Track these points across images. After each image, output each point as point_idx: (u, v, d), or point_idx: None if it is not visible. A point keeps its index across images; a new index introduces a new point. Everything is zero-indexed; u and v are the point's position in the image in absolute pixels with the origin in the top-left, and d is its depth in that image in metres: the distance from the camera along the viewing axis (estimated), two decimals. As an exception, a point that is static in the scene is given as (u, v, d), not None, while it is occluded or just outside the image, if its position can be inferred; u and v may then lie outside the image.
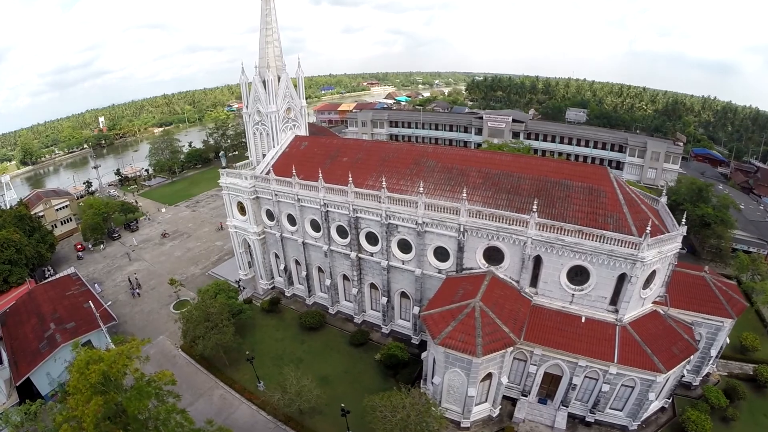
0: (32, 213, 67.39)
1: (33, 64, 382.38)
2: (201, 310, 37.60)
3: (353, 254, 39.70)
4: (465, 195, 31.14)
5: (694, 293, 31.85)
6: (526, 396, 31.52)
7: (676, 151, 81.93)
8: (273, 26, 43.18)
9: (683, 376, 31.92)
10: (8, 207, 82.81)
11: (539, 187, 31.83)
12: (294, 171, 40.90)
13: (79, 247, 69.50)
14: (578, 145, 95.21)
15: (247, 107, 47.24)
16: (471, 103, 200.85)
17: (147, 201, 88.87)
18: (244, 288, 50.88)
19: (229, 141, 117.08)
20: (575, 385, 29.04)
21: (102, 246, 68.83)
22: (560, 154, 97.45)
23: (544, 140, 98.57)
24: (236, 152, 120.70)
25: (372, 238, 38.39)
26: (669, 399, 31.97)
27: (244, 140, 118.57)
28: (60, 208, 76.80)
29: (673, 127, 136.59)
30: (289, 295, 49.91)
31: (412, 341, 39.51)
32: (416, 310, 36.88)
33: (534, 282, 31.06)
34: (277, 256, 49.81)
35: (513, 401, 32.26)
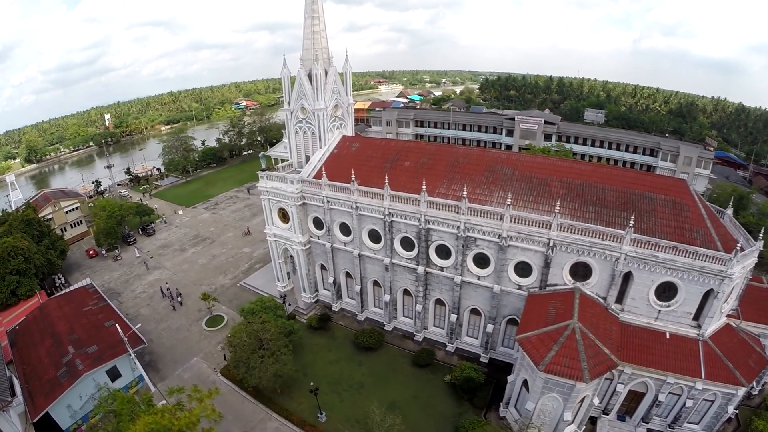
0: (40, 216, 61.81)
1: (37, 61, 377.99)
2: (252, 336, 32.02)
3: (420, 269, 36.13)
4: (558, 208, 28.86)
5: (761, 305, 31.67)
6: (607, 414, 30.69)
7: (708, 156, 79.43)
8: (320, 15, 38.87)
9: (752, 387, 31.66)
10: (13, 208, 77.81)
11: (625, 199, 30.28)
12: (353, 176, 36.54)
13: (91, 253, 63.91)
14: (609, 148, 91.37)
15: (289, 104, 42.35)
16: (483, 102, 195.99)
17: (161, 202, 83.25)
18: (289, 304, 45.45)
19: (244, 140, 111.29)
20: (660, 401, 28.55)
21: (117, 252, 63.20)
22: (591, 157, 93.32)
23: (575, 143, 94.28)
24: (250, 151, 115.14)
25: (443, 252, 34.83)
26: (736, 410, 30.39)
27: (258, 139, 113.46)
28: (70, 210, 71.14)
29: (690, 129, 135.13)
30: (336, 309, 45.33)
31: (480, 360, 36.59)
32: (490, 328, 34.57)
33: (620, 298, 29.59)
34: (323, 268, 44.82)
35: (593, 419, 30.97)
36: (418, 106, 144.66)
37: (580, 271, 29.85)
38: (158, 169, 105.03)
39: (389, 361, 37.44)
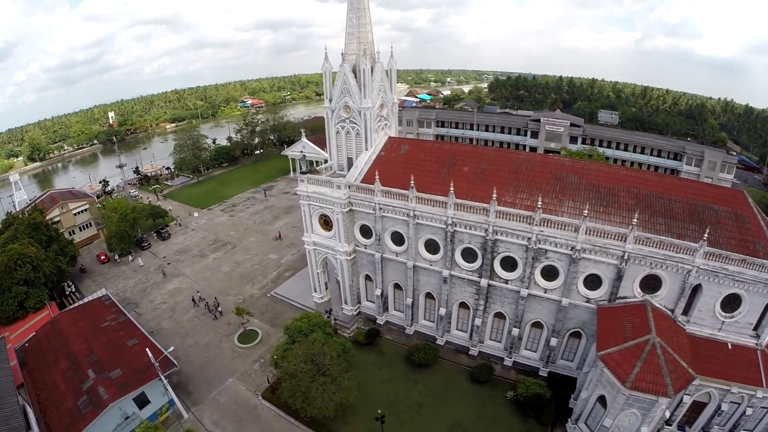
0: (47, 218, 57.24)
1: (40, 59, 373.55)
2: (309, 360, 27.70)
3: (483, 281, 33.85)
4: (635, 221, 27.88)
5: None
6: (669, 425, 29.87)
7: (731, 161, 78.85)
8: (365, 7, 36.31)
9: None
10: (17, 209, 73.28)
11: (690, 211, 30.02)
12: (412, 181, 33.70)
13: (103, 258, 59.37)
14: (634, 151, 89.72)
15: (330, 101, 38.94)
16: (493, 102, 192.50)
17: (174, 203, 78.70)
18: (335, 318, 41.18)
19: (257, 138, 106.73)
20: (722, 411, 28.21)
21: (130, 257, 58.68)
22: (616, 160, 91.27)
23: (600, 146, 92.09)
24: (262, 150, 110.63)
25: (508, 264, 32.84)
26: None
27: (271, 137, 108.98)
28: (78, 212, 66.54)
29: (703, 132, 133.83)
30: (381, 322, 41.84)
31: (539, 374, 34.96)
32: (554, 341, 33.07)
33: (685, 310, 29.19)
34: (369, 279, 40.97)
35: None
36: (437, 106, 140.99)
37: (650, 284, 29.18)
38: (168, 168, 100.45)
39: (446, 378, 35.01)
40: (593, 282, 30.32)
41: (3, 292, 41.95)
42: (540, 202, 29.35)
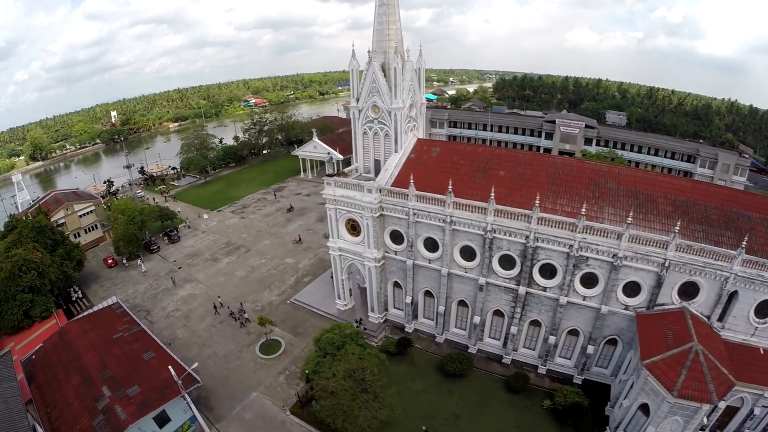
0: (51, 220, 54.75)
1: (41, 59, 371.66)
2: (348, 376, 25.43)
3: (522, 289, 32.85)
4: (677, 228, 27.47)
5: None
6: (703, 430, 29.35)
7: (744, 164, 78.67)
8: (394, 2, 34.61)
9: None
10: (19, 210, 70.91)
11: (726, 218, 30.00)
12: (450, 186, 32.25)
13: (110, 262, 56.82)
14: (649, 153, 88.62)
15: (357, 101, 36.98)
16: (499, 102, 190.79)
17: (182, 204, 76.14)
18: (365, 328, 38.91)
19: (265, 138, 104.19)
20: (754, 415, 28.50)
21: (139, 261, 56.17)
22: (629, 162, 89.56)
23: (614, 147, 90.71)
24: (269, 150, 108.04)
25: (546, 271, 32.00)
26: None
27: (279, 137, 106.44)
28: (84, 214, 64.04)
29: (710, 133, 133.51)
30: (410, 330, 39.90)
31: (573, 381, 34.30)
32: (591, 349, 32.45)
33: (721, 316, 29.20)
34: (397, 286, 38.79)
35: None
36: (448, 106, 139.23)
37: (687, 291, 29.13)
38: (173, 168, 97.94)
39: (480, 388, 33.87)
40: (632, 289, 30.01)
41: (7, 300, 39.48)
42: (584, 209, 28.70)
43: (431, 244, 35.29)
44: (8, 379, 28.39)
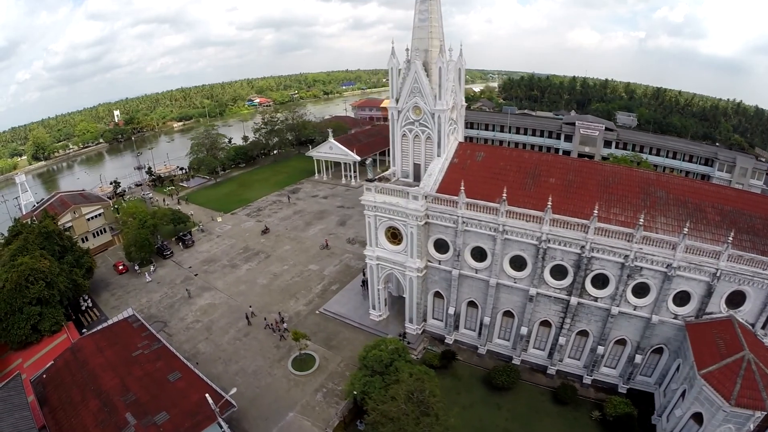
0: (60, 224, 51.56)
1: (42, 58, 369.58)
2: (408, 399, 22.74)
3: (574, 299, 31.89)
4: (731, 239, 27.26)
5: None
6: None
7: (762, 167, 78.10)
8: None
9: None
10: (23, 212, 67.81)
11: None
12: (505, 194, 30.70)
13: (120, 268, 53.62)
14: (667, 156, 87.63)
15: (396, 101, 34.67)
16: (506, 102, 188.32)
17: (193, 206, 72.93)
18: (408, 342, 36.06)
19: (276, 138, 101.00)
20: None
21: (152, 268, 53.00)
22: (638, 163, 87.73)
23: (633, 150, 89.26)
24: (280, 150, 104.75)
25: (598, 281, 31.25)
26: None
27: (289, 137, 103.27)
28: (92, 218, 60.91)
29: (719, 134, 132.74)
30: (450, 342, 37.77)
31: (618, 390, 33.68)
32: (638, 358, 32.10)
33: (765, 324, 29.30)
34: (438, 296, 36.51)
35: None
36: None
37: (734, 299, 29.26)
38: (181, 169, 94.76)
39: (528, 401, 32.70)
40: (681, 298, 29.99)
41: (13, 313, 36.34)
42: (641, 220, 28.06)
43: (478, 254, 33.55)
44: (20, 407, 25.32)
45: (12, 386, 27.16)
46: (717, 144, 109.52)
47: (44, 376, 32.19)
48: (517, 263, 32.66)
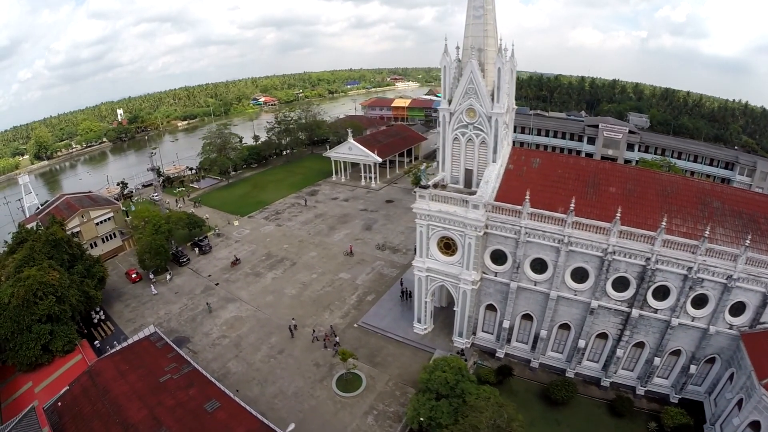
0: (67, 230, 47.83)
1: (44, 57, 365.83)
2: (485, 426, 20.23)
3: (635, 311, 30.96)
4: None
5: None
6: None
7: None
8: None
9: None
10: (26, 215, 64.12)
11: None
12: (573, 204, 29.21)
13: (134, 276, 49.94)
14: (688, 159, 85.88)
15: (449, 102, 32.68)
16: (517, 102, 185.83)
17: (206, 209, 69.31)
18: (465, 359, 33.19)
19: (288, 138, 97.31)
20: None
21: (168, 276, 49.35)
22: (669, 168, 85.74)
23: (655, 153, 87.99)
24: (292, 150, 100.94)
25: (659, 293, 30.50)
26: None
27: (300, 137, 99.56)
28: (101, 222, 57.16)
29: (730, 136, 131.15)
30: (500, 355, 35.77)
31: (670, 401, 33.05)
32: (693, 368, 31.57)
33: None
34: (490, 308, 34.30)
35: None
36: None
37: None
38: (191, 169, 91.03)
39: (586, 415, 31.59)
40: (736, 309, 29.87)
41: (22, 332, 32.71)
42: (707, 232, 27.61)
43: (538, 265, 32.08)
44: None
45: (27, 423, 23.51)
46: (726, 146, 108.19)
47: (59, 404, 28.52)
48: (578, 275, 31.34)
